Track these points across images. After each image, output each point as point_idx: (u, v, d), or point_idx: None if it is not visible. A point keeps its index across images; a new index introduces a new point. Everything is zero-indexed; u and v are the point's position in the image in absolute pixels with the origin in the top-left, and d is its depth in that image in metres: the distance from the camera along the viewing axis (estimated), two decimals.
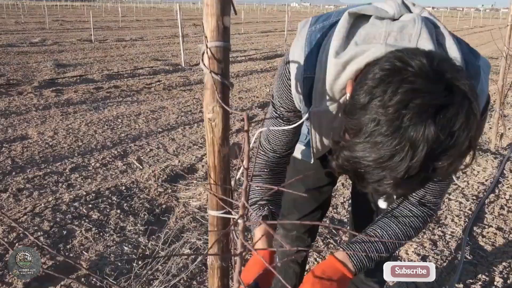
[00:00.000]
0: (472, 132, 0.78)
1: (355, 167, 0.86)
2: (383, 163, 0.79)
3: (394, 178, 0.80)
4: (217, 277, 1.10)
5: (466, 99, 0.78)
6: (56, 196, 3.14)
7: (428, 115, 0.76)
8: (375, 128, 0.79)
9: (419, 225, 1.18)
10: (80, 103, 6.04)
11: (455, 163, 0.80)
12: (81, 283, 2.24)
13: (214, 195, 1.01)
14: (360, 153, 0.82)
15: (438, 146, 0.77)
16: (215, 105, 0.93)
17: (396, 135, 0.77)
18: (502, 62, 4.51)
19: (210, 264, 1.10)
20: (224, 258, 1.09)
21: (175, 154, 4.19)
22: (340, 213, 3.09)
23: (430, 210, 1.18)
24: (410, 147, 0.76)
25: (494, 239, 2.81)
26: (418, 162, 0.77)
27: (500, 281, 2.37)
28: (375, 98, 0.80)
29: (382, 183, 0.84)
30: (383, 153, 0.78)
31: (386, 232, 1.16)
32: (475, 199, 3.34)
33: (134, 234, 2.72)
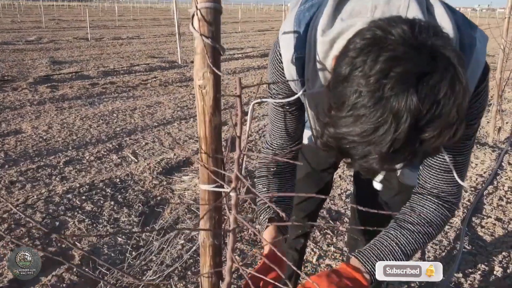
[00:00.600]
0: (459, 100, 0.74)
1: (340, 144, 0.82)
2: (367, 137, 0.75)
3: (379, 152, 0.76)
4: (209, 255, 1.06)
5: (451, 66, 0.74)
6: (49, 188, 3.09)
7: (410, 83, 0.71)
8: (357, 100, 0.75)
9: (439, 221, 1.11)
10: (75, 98, 5.99)
11: (443, 134, 0.76)
12: (79, 268, 2.19)
13: (205, 168, 0.97)
14: (344, 128, 0.78)
15: (423, 117, 0.72)
16: (205, 71, 0.89)
17: (378, 106, 0.73)
18: (500, 55, 4.49)
19: (202, 242, 1.06)
20: (216, 235, 1.05)
21: (171, 148, 4.14)
22: (338, 204, 3.05)
23: (449, 203, 1.11)
24: (393, 119, 0.72)
25: (493, 229, 2.77)
26: (402, 134, 0.73)
27: (500, 270, 2.34)
28: (355, 69, 0.76)
29: (367, 159, 0.80)
30: (367, 127, 0.74)
31: (403, 235, 1.09)
32: (474, 191, 3.31)
33: (128, 225, 2.68)
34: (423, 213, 1.10)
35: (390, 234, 1.10)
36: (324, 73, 1.04)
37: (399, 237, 1.09)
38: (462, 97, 0.74)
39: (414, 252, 1.10)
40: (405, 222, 1.10)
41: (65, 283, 2.11)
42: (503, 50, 4.43)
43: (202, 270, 1.09)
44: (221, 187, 1.00)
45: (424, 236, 1.10)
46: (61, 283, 2.10)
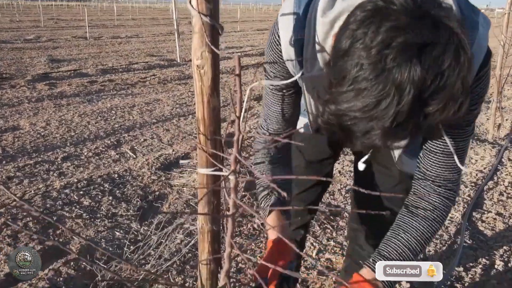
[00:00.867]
0: (464, 71, 0.72)
1: (341, 121, 0.80)
2: (369, 111, 0.73)
3: (382, 127, 0.74)
4: (207, 241, 1.04)
5: (455, 36, 0.72)
6: (47, 184, 3.06)
7: (412, 54, 0.69)
8: (358, 74, 0.73)
9: (444, 214, 1.09)
10: (73, 95, 5.96)
11: (447, 108, 0.73)
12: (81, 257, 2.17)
13: (203, 151, 0.95)
14: (345, 104, 0.76)
15: (427, 88, 0.70)
16: (204, 50, 0.87)
17: (380, 79, 0.71)
18: (500, 52, 4.47)
19: (200, 228, 1.04)
20: (215, 221, 1.03)
21: (170, 144, 4.12)
22: (337, 199, 3.03)
23: (450, 191, 1.09)
24: (396, 91, 0.70)
25: (493, 224, 2.76)
26: (405, 107, 0.71)
27: (501, 264, 2.32)
28: (356, 41, 0.74)
29: (370, 135, 0.77)
30: (368, 101, 0.72)
31: (411, 235, 1.08)
32: (474, 186, 3.29)
33: (126, 220, 2.65)
34: (430, 209, 1.08)
35: (401, 238, 1.08)
36: (323, 55, 1.02)
37: (410, 241, 1.07)
38: (467, 69, 0.72)
39: (422, 251, 1.11)
40: (413, 221, 1.09)
41: (62, 276, 2.09)
42: (503, 46, 4.41)
43: (201, 257, 1.07)
44: (220, 171, 0.98)
45: (433, 234, 1.10)
46: (58, 277, 2.08)
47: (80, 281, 2.09)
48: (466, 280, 2.20)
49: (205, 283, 1.08)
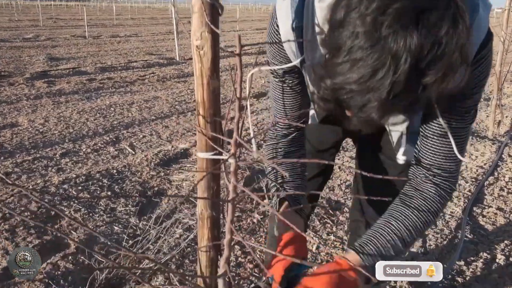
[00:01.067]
0: (462, 40, 0.70)
1: (337, 95, 0.78)
2: (365, 82, 0.71)
3: (378, 99, 0.72)
4: (207, 227, 1.02)
5: (452, 2, 0.70)
6: (45, 179, 3.05)
7: (408, 20, 0.67)
8: (353, 44, 0.71)
9: (439, 206, 1.06)
10: (72, 93, 5.94)
11: (446, 79, 0.71)
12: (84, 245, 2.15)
13: (202, 134, 0.93)
14: (341, 76, 0.74)
15: (424, 57, 0.68)
16: (203, 30, 0.86)
17: (376, 48, 0.69)
18: (500, 48, 4.46)
19: (200, 214, 1.02)
20: (215, 206, 1.01)
21: (169, 140, 4.10)
22: (338, 194, 3.01)
23: (446, 182, 1.06)
24: (392, 60, 0.68)
25: (494, 219, 2.74)
26: (402, 76, 0.69)
27: (502, 258, 2.30)
28: (351, 10, 0.72)
29: (367, 108, 0.75)
30: (364, 71, 0.71)
31: (402, 224, 1.04)
32: (474, 181, 3.28)
33: (125, 215, 2.64)
34: (424, 199, 1.05)
35: (392, 226, 1.04)
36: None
37: (401, 229, 1.04)
38: (466, 37, 0.70)
39: (414, 242, 1.08)
40: (406, 210, 1.06)
41: (60, 270, 2.07)
42: (503, 43, 4.40)
43: (200, 243, 1.05)
44: (220, 155, 0.96)
45: (425, 225, 1.06)
46: (56, 271, 2.06)
47: (79, 275, 2.07)
48: (467, 274, 2.18)
49: (205, 270, 1.06)
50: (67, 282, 2.01)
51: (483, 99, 6.23)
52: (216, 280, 1.08)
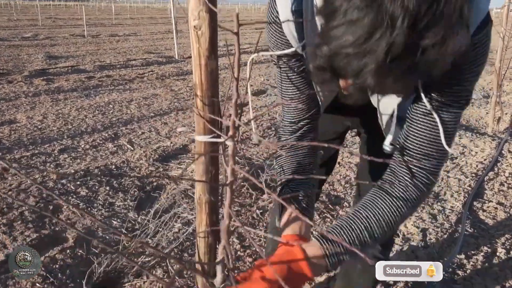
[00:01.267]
0: (462, 0, 0.68)
1: (333, 62, 0.76)
2: (362, 44, 0.69)
3: (376, 61, 0.70)
4: (205, 213, 1.01)
5: None
6: (43, 175, 3.03)
7: None
8: (349, 5, 0.70)
9: (414, 197, 1.00)
10: (71, 90, 5.92)
11: (446, 43, 0.69)
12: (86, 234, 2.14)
13: (200, 116, 0.92)
14: (337, 41, 0.72)
15: (422, 17, 0.66)
16: (201, 10, 0.84)
17: (372, 7, 0.67)
18: (500, 44, 4.45)
19: (198, 199, 1.00)
20: (213, 191, 1.00)
21: (168, 137, 4.09)
22: (337, 190, 3.00)
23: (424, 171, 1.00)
24: (389, 20, 0.66)
25: (495, 213, 2.73)
26: (400, 37, 0.67)
27: (503, 252, 2.29)
28: None
29: (364, 74, 0.72)
30: (360, 32, 0.69)
31: (372, 214, 0.99)
32: (474, 176, 3.26)
33: (124, 209, 2.62)
34: (400, 190, 1.00)
35: (361, 215, 0.99)
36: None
37: (369, 219, 0.98)
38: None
39: (383, 235, 1.00)
40: (379, 200, 1.00)
41: (58, 264, 2.05)
42: (503, 39, 4.39)
43: (198, 229, 1.04)
44: (218, 137, 0.95)
45: (397, 217, 1.00)
46: (54, 264, 2.04)
47: (77, 268, 2.06)
48: (468, 267, 2.17)
49: (203, 257, 1.05)
50: (65, 275, 1.99)
51: (483, 96, 6.23)
52: (214, 267, 1.07)
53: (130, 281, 2.00)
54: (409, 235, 2.43)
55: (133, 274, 2.05)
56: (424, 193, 1.03)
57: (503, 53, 4.48)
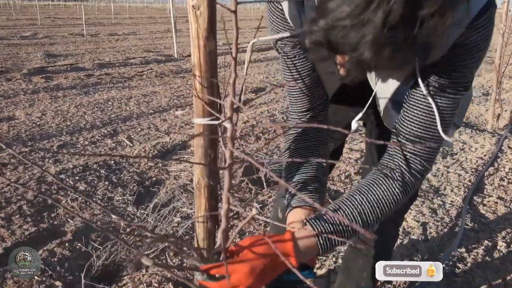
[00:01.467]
0: None
1: (330, 35, 0.75)
2: (359, 15, 0.69)
3: (373, 31, 0.69)
4: (204, 197, 1.00)
5: None
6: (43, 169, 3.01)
7: None
8: None
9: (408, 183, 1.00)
10: (70, 88, 5.91)
11: (445, 15, 0.68)
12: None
13: (199, 98, 0.91)
14: (333, 14, 0.72)
15: None
16: None
17: None
18: (499, 40, 4.44)
19: (197, 183, 1.00)
20: (212, 175, 0.99)
21: (167, 133, 4.07)
22: (337, 185, 2.99)
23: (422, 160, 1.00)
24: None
25: (495, 207, 2.72)
26: (397, 5, 0.66)
27: (504, 245, 2.28)
28: None
29: (361, 46, 0.71)
30: (357, 2, 0.68)
31: (368, 202, 0.98)
32: (474, 172, 3.25)
33: (123, 204, 2.61)
34: (396, 175, 0.99)
35: (355, 200, 0.98)
36: None
37: (364, 204, 0.97)
38: None
39: (377, 221, 0.99)
40: (374, 185, 0.99)
41: (57, 257, 2.04)
42: (502, 35, 4.39)
43: (197, 214, 1.03)
44: (217, 120, 0.93)
45: (391, 204, 0.99)
46: (52, 257, 2.03)
47: (75, 262, 2.05)
48: (468, 260, 2.16)
49: (202, 243, 1.04)
50: (63, 268, 1.98)
51: (482, 94, 6.22)
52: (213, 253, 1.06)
53: (129, 274, 1.99)
54: (409, 229, 2.42)
55: (132, 268, 2.04)
56: (418, 180, 1.03)
57: (503, 50, 4.47)
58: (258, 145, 3.67)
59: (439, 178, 3.13)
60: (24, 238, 2.18)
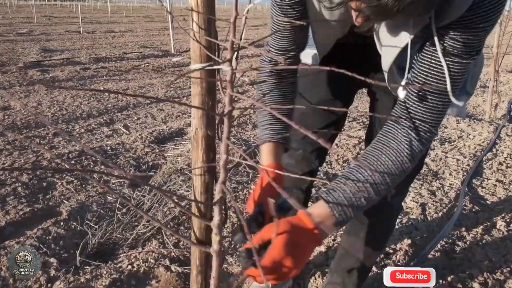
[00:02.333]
0: None
1: None
2: None
3: None
4: (201, 149, 0.97)
5: None
6: (37, 155, 2.98)
7: None
8: None
9: (416, 150, 0.99)
10: (66, 80, 5.86)
11: None
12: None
13: (197, 42, 0.88)
14: None
15: None
16: None
17: None
18: (497, 29, 4.44)
19: (194, 134, 0.97)
20: (210, 125, 0.96)
21: (164, 122, 4.05)
22: (335, 168, 2.97)
23: (427, 125, 0.99)
24: None
25: (494, 190, 2.71)
26: None
27: (503, 224, 2.27)
28: None
29: None
30: None
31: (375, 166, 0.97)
32: (473, 157, 3.24)
33: (119, 186, 2.58)
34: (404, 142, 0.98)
35: (365, 172, 0.97)
36: None
37: (374, 174, 0.97)
38: None
39: (386, 190, 0.98)
40: (382, 154, 0.99)
41: (52, 235, 2.01)
42: (500, 24, 4.38)
43: (194, 166, 1.00)
44: (217, 65, 0.91)
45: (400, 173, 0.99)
46: (47, 236, 2.00)
47: (70, 240, 2.02)
48: (468, 239, 2.14)
49: (199, 197, 1.01)
50: (58, 246, 1.95)
51: (479, 85, 6.22)
52: (211, 208, 1.03)
53: (125, 252, 1.96)
54: (408, 209, 2.40)
55: (128, 246, 2.01)
56: (425, 146, 1.02)
57: (501, 39, 4.47)
58: (255, 132, 3.65)
59: (437, 163, 3.11)
60: (19, 218, 2.15)
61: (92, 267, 1.83)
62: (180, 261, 1.89)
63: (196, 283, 1.05)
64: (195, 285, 1.06)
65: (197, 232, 1.03)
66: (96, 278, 1.75)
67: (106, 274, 1.77)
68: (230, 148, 0.88)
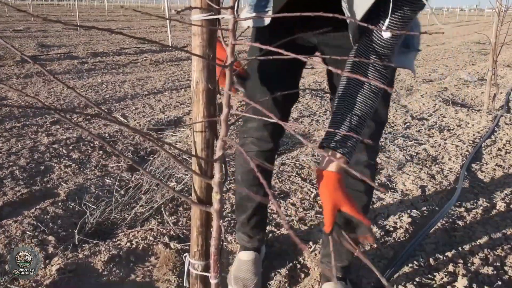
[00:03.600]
0: None
1: None
2: None
3: None
4: (202, 103, 0.96)
5: None
6: (35, 141, 2.96)
7: None
8: None
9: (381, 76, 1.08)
10: (63, 73, 5.85)
11: None
12: None
13: None
14: None
15: None
16: None
17: None
18: (495, 19, 4.43)
19: (194, 88, 0.95)
20: (211, 77, 0.95)
21: (162, 111, 4.03)
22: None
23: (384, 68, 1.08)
24: None
25: (493, 173, 2.70)
26: None
27: (503, 205, 2.26)
28: None
29: None
30: None
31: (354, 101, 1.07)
32: (472, 143, 3.24)
33: (117, 170, 2.57)
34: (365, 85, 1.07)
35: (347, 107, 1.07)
36: None
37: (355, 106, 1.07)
38: None
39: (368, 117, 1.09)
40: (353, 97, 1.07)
41: (50, 215, 1.99)
42: (498, 13, 4.38)
43: (195, 121, 0.99)
44: (218, 14, 0.90)
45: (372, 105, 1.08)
46: (45, 215, 1.98)
47: (68, 220, 2.00)
48: (468, 219, 2.13)
49: (200, 153, 1.00)
50: (56, 225, 1.93)
51: (477, 78, 6.22)
52: (212, 166, 1.02)
53: (124, 232, 1.95)
54: (408, 191, 2.40)
55: (127, 226, 1.99)
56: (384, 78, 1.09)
57: (498, 29, 4.46)
58: None
59: (436, 149, 3.11)
60: (16, 199, 2.13)
61: (91, 245, 1.81)
62: (179, 238, 1.88)
63: (196, 244, 1.04)
64: (195, 247, 1.04)
65: (198, 191, 1.02)
66: (94, 254, 1.73)
67: (104, 251, 1.75)
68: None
